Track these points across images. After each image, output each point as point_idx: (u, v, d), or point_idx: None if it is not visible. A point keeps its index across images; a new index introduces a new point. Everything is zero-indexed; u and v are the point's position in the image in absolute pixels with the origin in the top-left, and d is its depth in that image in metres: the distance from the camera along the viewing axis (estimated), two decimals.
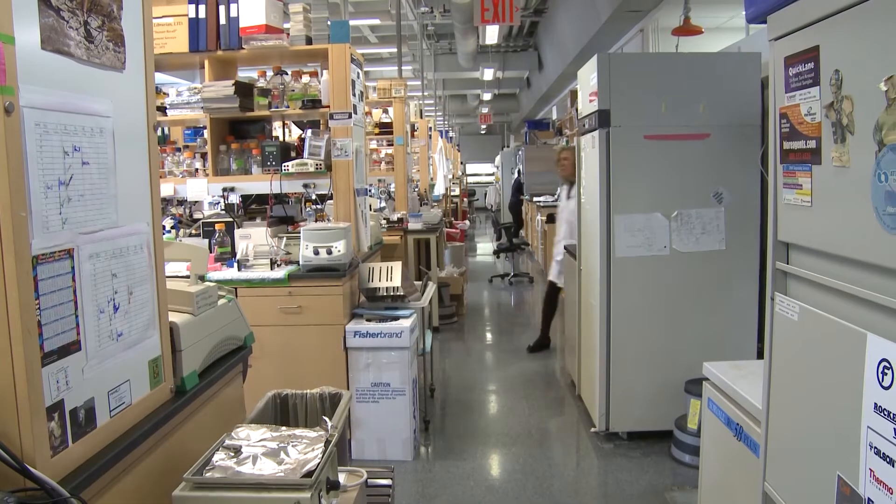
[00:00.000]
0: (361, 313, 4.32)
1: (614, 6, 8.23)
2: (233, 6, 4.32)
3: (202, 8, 4.35)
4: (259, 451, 1.78)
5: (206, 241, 4.56)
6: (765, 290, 1.98)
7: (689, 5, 6.97)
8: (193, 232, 4.72)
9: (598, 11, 9.12)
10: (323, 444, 1.81)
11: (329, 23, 4.45)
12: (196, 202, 5.10)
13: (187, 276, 2.26)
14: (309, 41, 4.42)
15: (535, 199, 12.48)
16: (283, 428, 1.92)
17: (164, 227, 4.57)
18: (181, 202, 4.99)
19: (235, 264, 4.30)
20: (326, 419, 1.98)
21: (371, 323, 4.19)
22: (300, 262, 4.20)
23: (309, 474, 1.69)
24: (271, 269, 4.25)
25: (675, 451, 4.15)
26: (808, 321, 1.70)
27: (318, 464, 1.72)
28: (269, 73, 4.62)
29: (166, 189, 4.58)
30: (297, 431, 1.89)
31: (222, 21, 4.35)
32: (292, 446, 1.80)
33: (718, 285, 4.30)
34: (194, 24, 4.37)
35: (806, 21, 1.61)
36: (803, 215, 1.71)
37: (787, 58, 1.71)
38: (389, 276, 4.49)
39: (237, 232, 4.52)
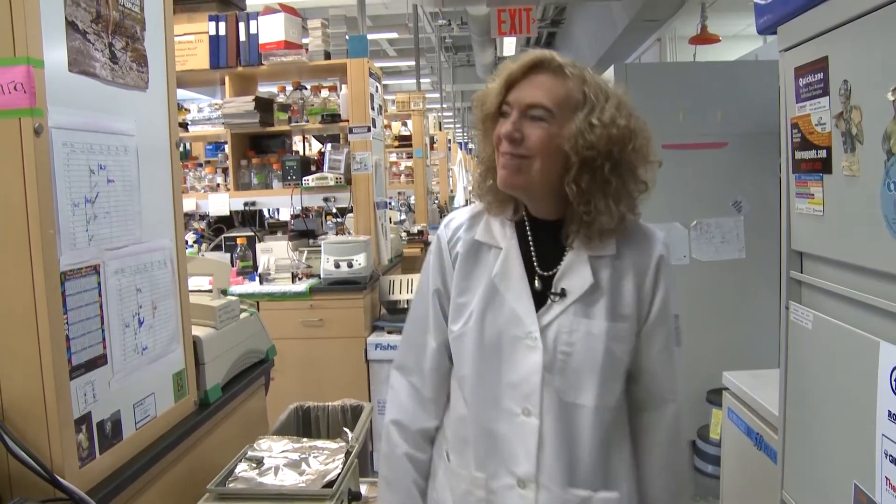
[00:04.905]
0: (382, 326, 4.34)
1: (631, 16, 8.25)
2: (252, 23, 4.38)
3: (222, 25, 4.40)
4: (281, 463, 1.80)
5: (228, 255, 4.61)
6: None
7: (707, 14, 6.99)
8: (215, 246, 4.77)
9: (615, 21, 9.14)
10: (343, 456, 1.84)
11: (347, 38, 4.49)
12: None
13: (210, 291, 2.30)
14: (327, 56, 4.47)
15: None
16: (305, 439, 1.95)
17: (186, 241, 4.63)
18: (203, 217, 5.04)
19: (257, 278, 4.34)
20: (347, 431, 2.00)
21: (392, 335, 4.20)
22: (321, 276, 4.23)
23: (330, 485, 1.71)
24: (293, 282, 4.28)
25: (698, 461, 4.14)
26: (822, 329, 1.71)
27: (339, 474, 1.74)
28: (289, 89, 4.67)
29: (188, 204, 4.63)
30: (319, 443, 1.92)
31: (242, 38, 4.40)
32: (313, 457, 1.83)
33: (739, 294, 4.29)
34: (215, 41, 4.42)
35: (814, 32, 1.63)
36: (815, 224, 1.72)
37: (796, 68, 1.73)
38: (410, 288, 4.52)
39: (258, 246, 4.57)
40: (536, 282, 1.51)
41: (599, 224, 1.44)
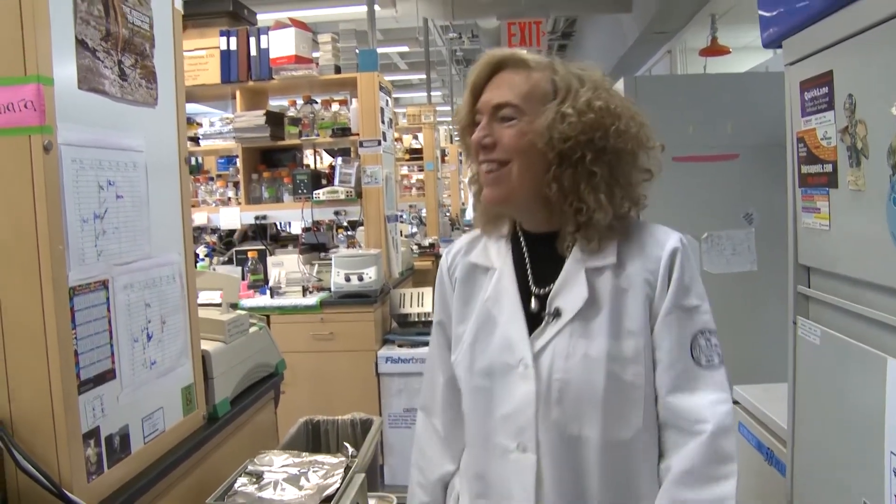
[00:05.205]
0: (393, 339, 4.34)
1: (641, 28, 8.26)
2: (263, 38, 4.42)
3: (233, 40, 4.45)
4: (280, 477, 1.80)
5: (240, 268, 4.63)
6: None
7: (717, 26, 6.99)
8: (226, 260, 4.79)
9: (626, 34, 9.16)
10: (343, 470, 1.84)
11: (357, 52, 4.52)
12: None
13: (219, 305, 2.31)
14: (338, 70, 4.49)
15: None
16: (305, 454, 1.95)
17: (197, 255, 4.66)
18: (214, 230, 5.07)
19: (268, 291, 4.36)
20: (348, 445, 2.00)
21: (403, 349, 4.21)
22: (332, 289, 4.25)
23: (328, 499, 1.71)
24: (303, 295, 4.30)
25: None
26: (830, 345, 1.70)
27: (338, 489, 1.74)
28: (300, 102, 4.69)
29: (200, 218, 4.66)
30: (319, 457, 1.92)
31: (253, 53, 4.44)
32: (313, 472, 1.83)
33: (751, 306, 4.24)
34: (226, 56, 4.47)
35: (819, 46, 1.63)
36: (822, 239, 1.72)
37: (802, 82, 1.73)
38: (421, 301, 4.52)
39: (270, 259, 4.59)
40: (533, 302, 1.38)
41: (596, 223, 1.31)
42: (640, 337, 1.31)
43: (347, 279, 4.17)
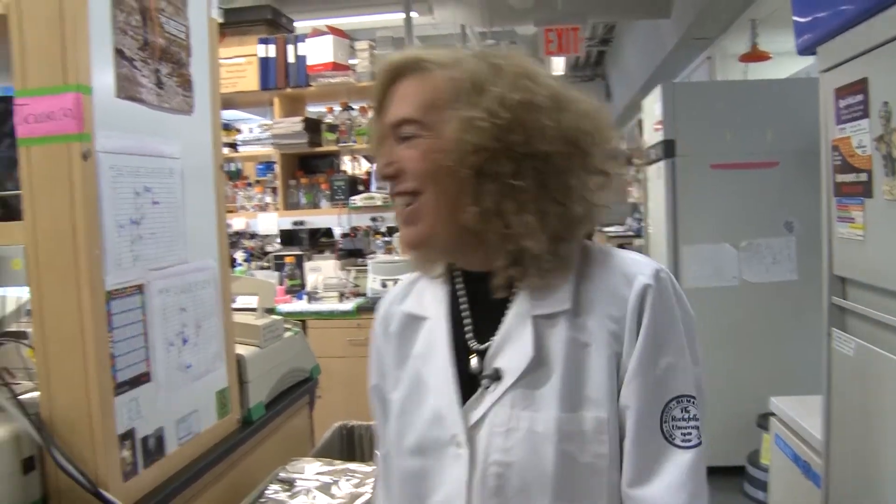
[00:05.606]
0: None
1: (680, 34, 8.17)
2: (301, 45, 4.48)
3: (272, 48, 4.52)
4: (312, 485, 1.81)
5: (277, 273, 4.68)
6: None
7: (757, 31, 6.89)
8: (265, 265, 4.84)
9: (664, 40, 9.07)
10: (375, 479, 1.84)
11: None
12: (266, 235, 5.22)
13: (254, 309, 2.33)
14: (374, 77, 4.52)
15: (605, 228, 12.35)
16: (338, 462, 1.95)
17: (236, 260, 4.71)
18: (253, 236, 5.13)
19: (305, 296, 4.40)
20: (378, 454, 2.01)
21: None
22: (368, 295, 4.27)
23: None
24: (340, 301, 4.33)
25: (748, 487, 4.05)
26: (864, 357, 1.67)
27: (370, 499, 1.74)
28: (337, 109, 4.74)
29: (238, 223, 4.73)
30: (352, 466, 1.92)
31: (291, 60, 4.50)
32: (346, 480, 1.83)
33: (790, 316, 4.19)
34: (264, 63, 4.53)
35: (854, 53, 1.61)
36: (857, 249, 1.69)
37: (836, 90, 1.71)
38: None
39: (307, 265, 4.63)
40: (473, 361, 1.08)
41: (533, 254, 1.01)
42: (604, 407, 1.01)
43: (384, 285, 4.19)
